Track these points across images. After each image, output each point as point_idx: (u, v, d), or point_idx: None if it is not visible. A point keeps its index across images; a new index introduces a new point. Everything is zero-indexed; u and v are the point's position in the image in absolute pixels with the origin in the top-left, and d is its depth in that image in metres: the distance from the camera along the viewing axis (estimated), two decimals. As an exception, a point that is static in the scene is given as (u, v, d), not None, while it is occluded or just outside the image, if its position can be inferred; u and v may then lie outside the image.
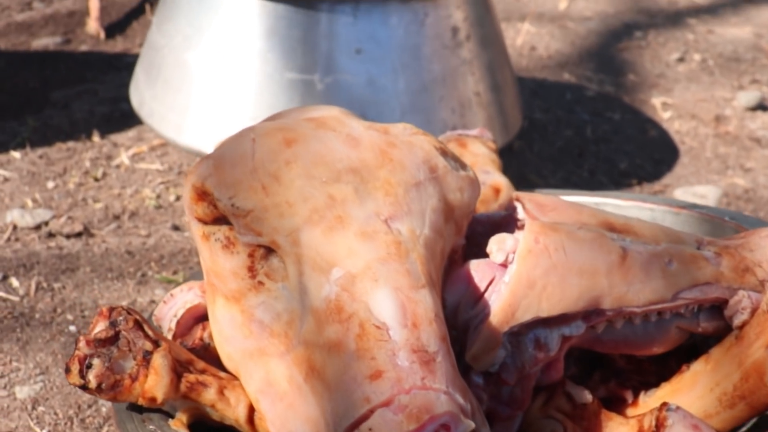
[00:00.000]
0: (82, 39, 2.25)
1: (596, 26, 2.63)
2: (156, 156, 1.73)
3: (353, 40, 1.51)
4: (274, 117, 0.84)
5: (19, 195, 1.58)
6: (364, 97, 1.52)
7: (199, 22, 1.56)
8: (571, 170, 1.86)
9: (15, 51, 2.15)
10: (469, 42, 1.60)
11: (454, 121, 1.59)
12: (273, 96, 1.51)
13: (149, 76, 1.64)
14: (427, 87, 1.56)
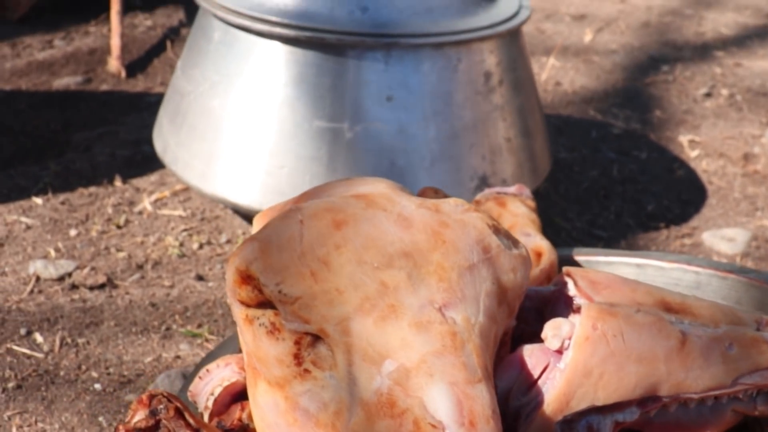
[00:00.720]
0: (103, 78, 2.22)
1: (622, 60, 2.60)
2: (179, 201, 1.70)
3: (384, 88, 1.47)
4: (318, 191, 0.80)
5: (42, 244, 1.55)
6: (394, 146, 1.49)
7: (226, 68, 1.53)
8: (597, 212, 1.82)
9: (36, 91, 2.12)
10: (501, 87, 1.57)
11: (484, 168, 1.56)
12: (301, 144, 1.48)
13: (173, 122, 1.61)
14: (458, 134, 1.52)
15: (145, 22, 2.56)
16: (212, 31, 1.56)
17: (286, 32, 1.46)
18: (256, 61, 1.50)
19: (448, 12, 1.53)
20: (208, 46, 1.57)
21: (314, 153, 1.48)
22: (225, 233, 1.61)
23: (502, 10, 1.61)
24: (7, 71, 2.22)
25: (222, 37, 1.54)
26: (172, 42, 2.44)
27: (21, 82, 2.17)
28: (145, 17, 2.60)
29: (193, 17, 2.49)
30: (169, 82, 2.06)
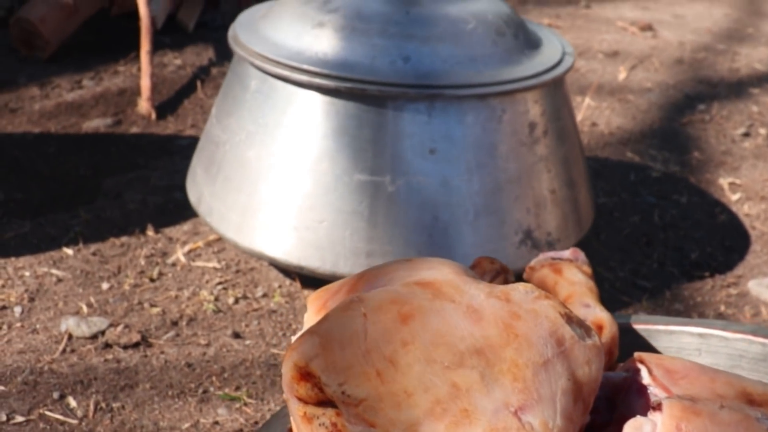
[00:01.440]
0: (133, 120, 2.18)
1: (657, 99, 2.55)
2: (213, 253, 1.66)
3: (427, 140, 1.43)
4: (377, 273, 0.75)
5: (73, 298, 1.50)
6: (437, 199, 1.44)
7: (263, 118, 1.49)
8: (639, 261, 1.77)
9: (66, 134, 2.09)
10: (546, 137, 1.52)
11: (529, 222, 1.51)
12: (341, 198, 1.44)
13: (208, 171, 1.57)
14: (502, 187, 1.48)
15: (174, 61, 2.52)
16: (249, 80, 1.52)
17: (326, 83, 1.41)
18: (294, 111, 1.46)
19: (492, 61, 1.48)
20: (245, 95, 1.53)
21: (355, 207, 1.43)
22: (261, 286, 1.57)
23: (546, 57, 1.57)
24: (36, 113, 2.19)
25: (259, 87, 1.50)
26: (202, 82, 2.41)
27: (50, 124, 2.13)
28: (175, 56, 2.56)
29: (222, 56, 2.46)
30: (202, 127, 2.02)
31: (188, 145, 2.05)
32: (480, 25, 1.50)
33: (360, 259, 1.44)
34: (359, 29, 1.46)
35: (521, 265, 1.50)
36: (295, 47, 1.47)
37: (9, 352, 1.37)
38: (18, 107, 2.22)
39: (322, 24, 1.48)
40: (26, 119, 2.16)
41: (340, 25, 1.47)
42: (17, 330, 1.43)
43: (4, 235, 1.67)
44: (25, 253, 1.63)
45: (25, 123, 2.14)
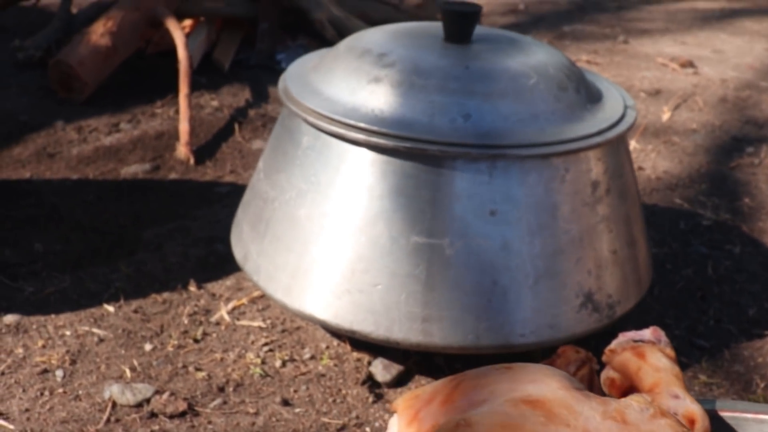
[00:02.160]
0: (172, 165, 2.13)
1: (703, 141, 2.49)
2: (257, 310, 1.60)
3: (487, 201, 1.37)
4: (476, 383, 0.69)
5: (116, 360, 1.45)
6: (497, 263, 1.38)
7: (316, 176, 1.43)
8: (695, 317, 1.71)
9: (104, 180, 2.04)
10: (608, 196, 1.46)
11: (590, 284, 1.44)
12: (396, 261, 1.38)
13: (255, 228, 1.51)
14: (564, 249, 1.42)
15: (211, 103, 2.48)
16: (300, 136, 1.47)
17: (384, 142, 1.36)
18: (348, 170, 1.40)
19: (554, 118, 1.43)
20: (296, 151, 1.47)
21: (411, 270, 1.37)
22: (308, 347, 1.51)
23: (608, 112, 1.51)
24: (74, 158, 2.14)
25: (311, 143, 1.45)
26: (239, 125, 2.36)
27: (88, 170, 2.08)
28: (211, 97, 2.52)
29: (258, 97, 2.41)
30: (241, 173, 1.97)
31: (228, 192, 2.00)
32: (542, 79, 1.44)
33: (415, 324, 1.38)
34: (417, 85, 1.40)
35: (581, 330, 1.44)
36: (350, 103, 1.42)
37: (52, 422, 1.32)
38: (56, 152, 2.17)
39: (378, 79, 1.42)
40: (64, 165, 2.11)
41: (397, 81, 1.41)
42: (59, 396, 1.37)
43: (44, 290, 1.62)
44: (65, 310, 1.57)
45: (64, 168, 2.09)
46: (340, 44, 1.58)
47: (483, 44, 1.54)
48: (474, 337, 1.38)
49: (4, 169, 2.07)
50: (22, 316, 1.54)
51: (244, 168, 2.13)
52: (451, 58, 1.47)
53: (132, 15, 2.54)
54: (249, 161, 2.17)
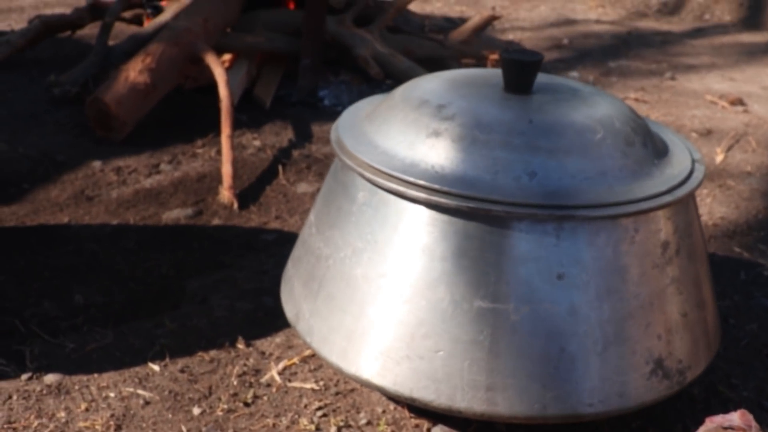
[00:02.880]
0: (215, 210, 2.07)
1: (759, 184, 2.41)
2: (309, 370, 1.54)
3: (554, 264, 1.30)
4: None
5: (163, 426, 1.39)
6: (565, 329, 1.31)
7: (372, 235, 1.37)
8: (763, 377, 1.63)
9: (145, 225, 1.98)
10: (678, 257, 1.39)
11: (660, 349, 1.37)
12: (459, 326, 1.31)
13: (308, 286, 1.45)
14: (633, 313, 1.34)
15: (253, 143, 2.42)
16: (355, 191, 1.40)
17: (446, 201, 1.29)
18: (407, 229, 1.34)
19: (622, 175, 1.36)
20: (351, 206, 1.41)
21: (474, 336, 1.31)
22: (364, 412, 1.44)
23: (677, 167, 1.44)
24: (114, 201, 2.09)
25: (368, 199, 1.38)
26: (283, 166, 2.30)
27: (128, 215, 2.03)
28: (253, 136, 2.46)
29: (301, 136, 2.35)
30: (287, 218, 1.91)
31: (274, 240, 1.94)
32: (608, 134, 1.38)
33: (479, 392, 1.31)
34: (480, 140, 1.34)
35: (651, 398, 1.37)
36: (409, 158, 1.35)
37: (97, 494, 1.25)
38: (95, 195, 2.12)
39: (437, 133, 1.36)
40: (104, 208, 2.05)
41: (458, 135, 1.35)
42: (105, 465, 1.31)
43: (86, 346, 1.56)
44: (108, 369, 1.51)
45: (103, 213, 2.04)
46: (395, 93, 1.52)
47: (545, 95, 1.48)
48: (540, 407, 1.32)
49: (42, 213, 2.02)
50: (64, 376, 1.48)
51: (290, 213, 2.07)
52: (513, 111, 1.40)
53: (171, 50, 2.50)
54: (294, 206, 2.11)
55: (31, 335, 1.59)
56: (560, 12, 3.94)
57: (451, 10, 3.87)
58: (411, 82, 1.57)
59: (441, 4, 3.92)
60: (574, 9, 4.03)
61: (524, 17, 3.84)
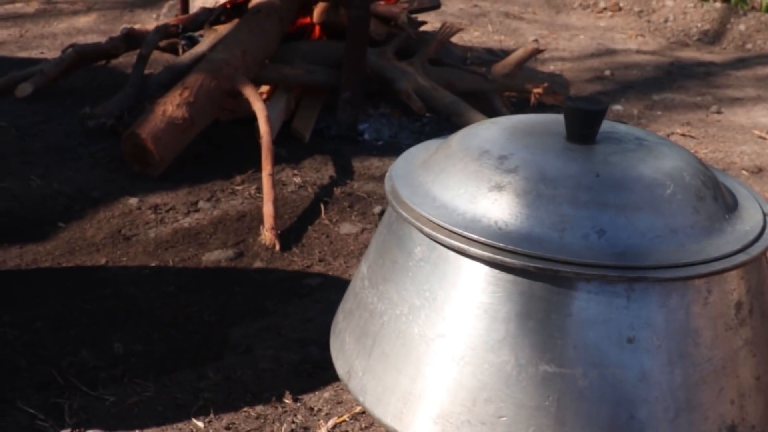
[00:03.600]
0: (256, 251, 2.01)
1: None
2: (360, 429, 1.48)
3: (624, 327, 1.23)
4: None
5: (209, 489, 1.32)
6: (635, 395, 1.24)
7: (431, 292, 1.30)
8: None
9: (184, 268, 1.93)
10: (751, 317, 1.32)
11: (733, 415, 1.30)
12: (524, 392, 1.24)
13: (360, 342, 1.38)
14: (706, 378, 1.27)
15: (294, 179, 2.36)
16: (412, 245, 1.34)
17: (510, 261, 1.22)
18: (469, 288, 1.27)
19: (694, 233, 1.29)
20: (407, 261, 1.34)
21: (540, 402, 1.24)
22: (417, 475, 1.37)
23: (747, 222, 1.37)
24: (152, 241, 2.03)
25: (425, 255, 1.32)
26: (325, 205, 2.24)
27: (167, 256, 1.97)
28: (293, 172, 2.40)
29: (342, 173, 2.29)
30: (331, 261, 1.85)
31: (319, 285, 1.88)
32: (678, 188, 1.31)
33: (543, 461, 1.24)
34: (545, 195, 1.27)
35: (723, 466, 1.30)
36: (470, 212, 1.29)
37: None
38: (132, 234, 2.06)
39: (500, 186, 1.29)
40: (141, 249, 2.00)
41: (523, 189, 1.28)
42: None
43: (127, 399, 1.50)
44: (150, 425, 1.46)
45: (141, 254, 1.98)
46: (452, 140, 1.46)
47: (609, 145, 1.41)
48: (608, 478, 1.24)
49: (78, 254, 1.97)
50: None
51: (333, 256, 2.01)
52: (578, 164, 1.34)
53: (209, 83, 2.44)
54: (338, 248, 2.05)
55: (69, 387, 1.53)
56: (600, 41, 3.88)
57: (490, 39, 3.82)
58: (468, 129, 1.51)
59: (479, 33, 3.87)
60: (613, 38, 3.96)
61: (564, 46, 3.78)
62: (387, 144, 2.66)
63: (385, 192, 1.39)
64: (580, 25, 4.21)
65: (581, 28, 4.14)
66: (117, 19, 3.88)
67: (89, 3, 4.11)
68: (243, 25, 2.67)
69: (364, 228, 2.12)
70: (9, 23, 3.78)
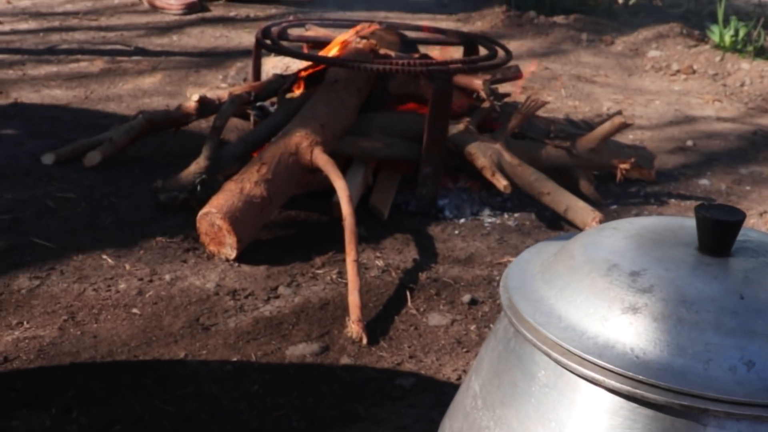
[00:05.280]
0: (342, 345, 1.90)
1: None
2: None
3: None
4: None
5: None
6: None
7: (558, 422, 1.19)
8: None
9: (269, 364, 1.82)
10: None
11: None
12: None
13: (474, 470, 1.26)
14: None
15: (376, 262, 2.26)
16: (535, 368, 1.22)
17: (652, 396, 1.11)
18: (602, 421, 1.15)
19: None
20: (528, 385, 1.23)
21: None
22: None
23: None
24: (232, 332, 1.93)
25: (551, 381, 1.20)
26: (410, 291, 2.13)
27: (249, 349, 1.87)
28: (375, 254, 2.30)
29: (426, 255, 2.18)
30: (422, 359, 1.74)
31: (412, 387, 1.76)
32: (831, 312, 1.18)
33: None
34: (686, 320, 1.16)
35: None
36: (602, 336, 1.17)
37: None
38: (211, 324, 1.96)
39: (635, 309, 1.18)
40: (222, 341, 1.89)
41: (661, 313, 1.16)
42: None
43: None
44: None
45: (221, 346, 1.88)
46: (572, 249, 1.34)
47: (746, 258, 1.29)
48: None
49: (155, 345, 1.87)
50: None
51: (424, 351, 1.89)
52: (719, 283, 1.22)
53: (287, 159, 2.35)
54: (428, 341, 1.93)
55: (153, 505, 1.43)
56: (676, 107, 3.75)
57: (564, 105, 3.71)
58: (589, 236, 1.39)
59: (553, 98, 3.76)
60: (689, 103, 3.84)
61: (641, 113, 3.66)
62: (469, 222, 2.56)
63: (502, 305, 1.28)
64: (654, 89, 4.09)
65: (656, 93, 4.02)
66: (182, 80, 3.81)
67: (154, 62, 4.05)
68: (321, 96, 2.58)
69: (454, 319, 2.01)
70: (74, 83, 3.72)
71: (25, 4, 5.08)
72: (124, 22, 4.78)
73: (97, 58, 4.09)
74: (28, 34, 4.48)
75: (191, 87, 3.70)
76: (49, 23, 4.68)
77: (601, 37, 4.89)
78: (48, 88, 3.65)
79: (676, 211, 2.72)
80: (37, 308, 1.98)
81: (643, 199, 2.81)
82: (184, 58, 4.17)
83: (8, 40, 4.32)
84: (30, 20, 4.73)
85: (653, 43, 4.73)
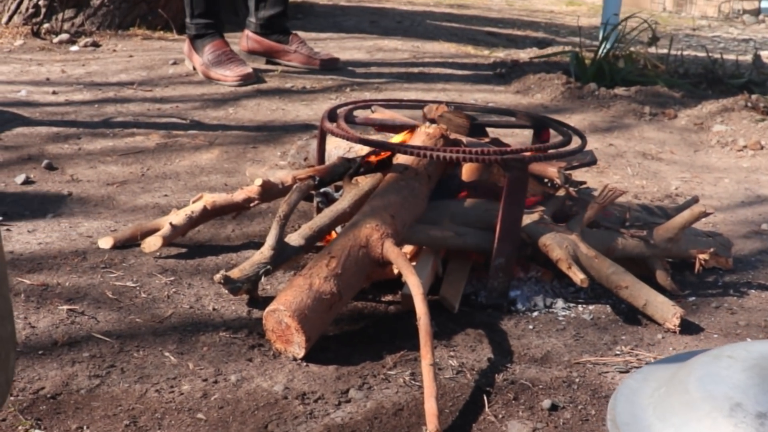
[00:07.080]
0: (419, 459, 1.80)
1: None
2: None
3: None
4: None
5: None
6: None
7: None
8: None
9: (343, 481, 1.71)
10: None
11: None
12: None
13: None
14: None
15: (449, 361, 2.16)
16: None
17: None
18: None
19: None
20: None
21: None
22: None
23: None
24: (303, 442, 1.82)
25: None
26: (487, 396, 2.02)
27: (321, 463, 1.76)
28: (449, 353, 2.20)
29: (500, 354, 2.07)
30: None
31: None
32: None
33: None
34: (826, 474, 1.04)
35: None
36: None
37: None
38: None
39: (767, 458, 1.06)
40: (293, 453, 1.79)
41: (795, 464, 1.05)
42: None
43: None
44: None
45: (293, 459, 1.77)
46: (687, 382, 1.24)
47: None
48: None
49: (225, 454, 1.77)
50: None
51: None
52: None
53: (357, 252, 2.26)
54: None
55: None
56: (746, 186, 3.64)
57: (631, 184, 3.61)
58: (704, 366, 1.29)
59: (619, 177, 3.66)
60: (759, 181, 3.72)
61: (710, 193, 3.55)
62: (542, 315, 2.45)
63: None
64: (721, 166, 3.97)
65: (724, 170, 3.90)
66: (240, 156, 3.75)
67: (210, 137, 3.99)
68: (390, 184, 2.49)
69: (535, 428, 1.90)
70: (130, 159, 3.67)
71: (79, 73, 5.06)
72: (179, 93, 4.74)
73: (152, 131, 4.04)
74: (83, 105, 4.45)
75: (250, 164, 3.64)
76: (104, 94, 4.65)
77: (664, 110, 4.78)
78: (104, 163, 3.60)
79: (757, 303, 2.59)
80: (98, 411, 1.90)
81: (722, 289, 2.70)
82: (240, 132, 4.11)
83: (63, 112, 4.29)
84: (84, 90, 4.70)
85: (718, 116, 4.62)
